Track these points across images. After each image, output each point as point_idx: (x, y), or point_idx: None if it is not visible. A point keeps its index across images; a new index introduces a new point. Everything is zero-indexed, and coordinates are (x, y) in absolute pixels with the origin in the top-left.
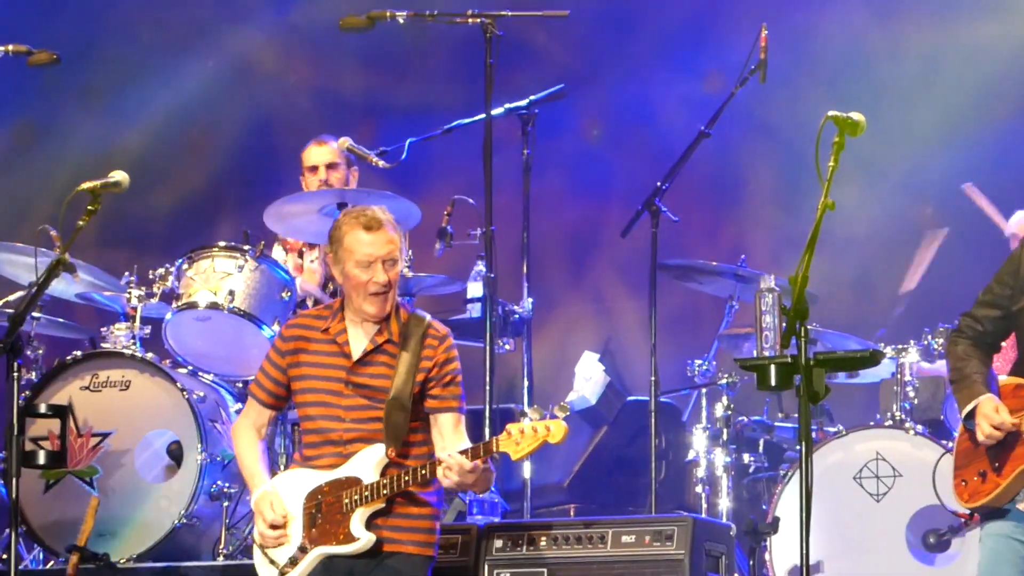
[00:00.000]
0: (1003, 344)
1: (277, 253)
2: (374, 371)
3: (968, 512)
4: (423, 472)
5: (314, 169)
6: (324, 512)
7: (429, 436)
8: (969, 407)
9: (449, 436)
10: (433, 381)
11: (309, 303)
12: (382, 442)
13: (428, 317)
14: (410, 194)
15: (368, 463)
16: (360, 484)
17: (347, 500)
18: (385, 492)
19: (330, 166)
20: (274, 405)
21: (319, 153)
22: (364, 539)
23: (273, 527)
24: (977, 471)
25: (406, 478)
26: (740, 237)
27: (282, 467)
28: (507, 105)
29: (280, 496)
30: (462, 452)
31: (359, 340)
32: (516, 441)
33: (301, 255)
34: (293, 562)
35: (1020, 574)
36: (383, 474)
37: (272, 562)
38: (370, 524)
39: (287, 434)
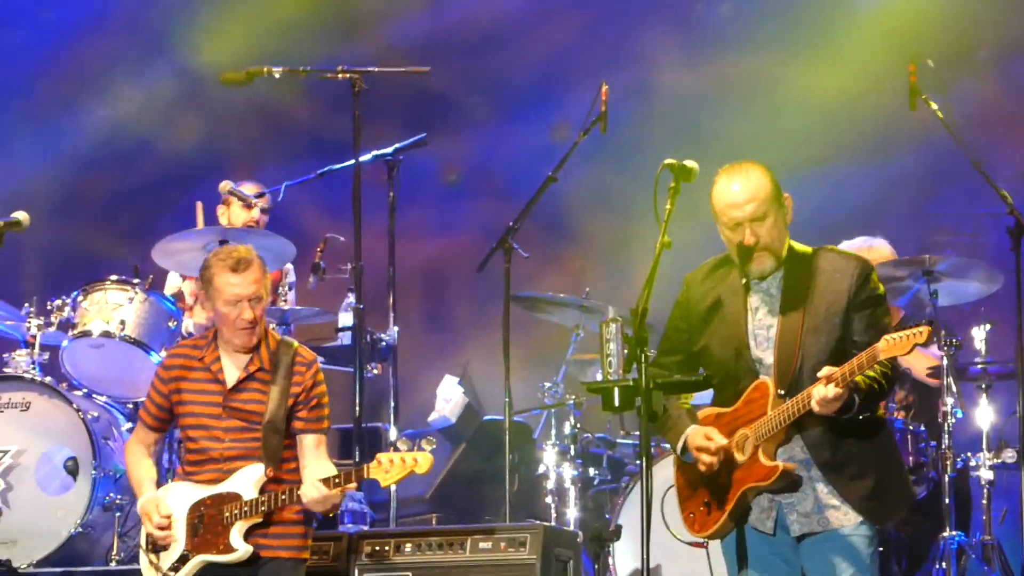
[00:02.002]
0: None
1: (173, 279)
2: (248, 396)
3: (702, 541)
4: (298, 494)
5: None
6: (206, 523)
7: None
8: (681, 441)
9: (311, 456)
10: (301, 405)
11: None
12: (261, 460)
13: (295, 343)
14: (286, 232)
15: (248, 480)
16: (240, 500)
17: (227, 513)
18: (263, 509)
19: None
20: (160, 427)
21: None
22: (242, 550)
23: (159, 528)
24: (701, 502)
25: (283, 497)
26: (584, 272)
27: (169, 480)
28: (374, 152)
29: (165, 501)
30: (336, 476)
31: (232, 368)
32: (386, 469)
33: None
34: (175, 568)
35: (773, 570)
36: (262, 491)
37: (156, 567)
38: (248, 534)
39: (173, 450)
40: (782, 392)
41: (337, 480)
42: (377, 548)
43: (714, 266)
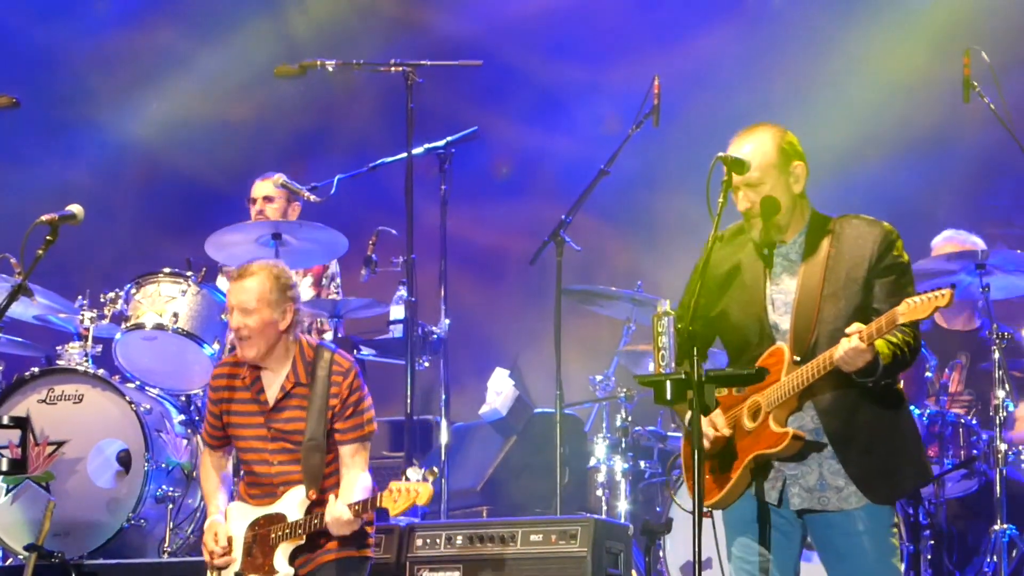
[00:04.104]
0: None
1: (222, 283)
2: (289, 415)
3: (707, 510)
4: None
5: (254, 201)
6: (257, 543)
7: None
8: (687, 417)
9: (345, 466)
10: (338, 417)
11: None
12: (303, 484)
13: (332, 350)
14: (338, 226)
15: (293, 503)
16: (285, 521)
17: (274, 535)
18: (300, 532)
19: (267, 199)
20: (221, 446)
21: (258, 187)
22: (283, 572)
23: (218, 556)
24: (707, 471)
25: (315, 521)
26: (636, 264)
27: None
28: (426, 145)
29: (225, 526)
30: (351, 505)
31: (272, 385)
32: (394, 499)
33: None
34: None
35: (762, 553)
36: (307, 512)
37: None
38: (295, 559)
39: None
40: (797, 359)
41: (356, 507)
42: (428, 540)
43: (735, 231)
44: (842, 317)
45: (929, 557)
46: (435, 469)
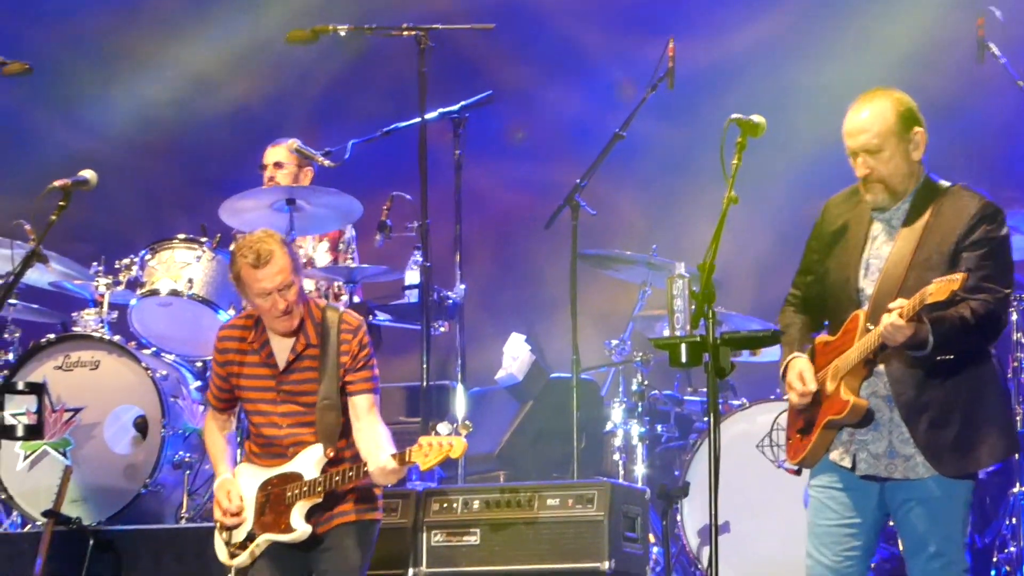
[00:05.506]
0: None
1: None
2: (299, 377)
3: (796, 468)
4: (350, 474)
5: (265, 167)
6: (271, 502)
7: None
8: (781, 369)
9: (364, 418)
10: (349, 371)
11: None
12: (319, 441)
13: (341, 309)
14: (352, 191)
15: (309, 461)
16: (301, 480)
17: (290, 494)
18: (320, 489)
19: (277, 164)
20: (228, 408)
21: (270, 153)
22: (300, 530)
23: (232, 515)
24: (797, 429)
25: (336, 479)
26: (651, 228)
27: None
28: (440, 110)
29: (237, 485)
30: (395, 455)
31: (282, 350)
32: (425, 453)
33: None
34: (242, 546)
35: (840, 517)
36: (323, 471)
37: (227, 544)
38: (315, 512)
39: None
40: (871, 326)
41: (398, 457)
42: (445, 505)
43: (853, 190)
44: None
45: None
46: (468, 423)
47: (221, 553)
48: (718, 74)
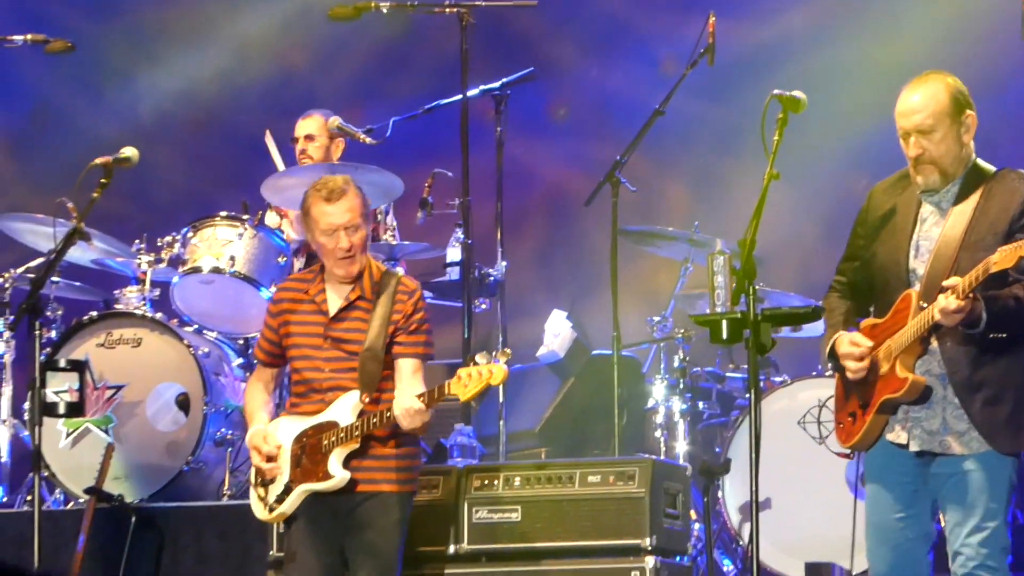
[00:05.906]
0: None
1: (271, 219)
2: (348, 325)
3: (847, 452)
4: (388, 415)
5: (297, 140)
6: (307, 453)
7: None
8: (828, 348)
9: (406, 380)
10: (401, 331)
11: None
12: (358, 389)
13: (400, 272)
14: (394, 168)
15: (345, 408)
16: (337, 427)
17: (326, 442)
18: (356, 433)
19: (308, 137)
20: (273, 363)
21: (301, 125)
22: (339, 476)
23: (268, 459)
24: (848, 412)
25: (374, 420)
26: (693, 205)
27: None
28: (482, 87)
29: (273, 433)
30: (419, 396)
31: (336, 299)
32: (464, 384)
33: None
34: (280, 500)
35: (899, 501)
36: (359, 418)
37: (263, 499)
38: (349, 465)
39: (284, 386)
40: (924, 305)
41: (422, 397)
42: (486, 482)
43: (900, 176)
44: None
45: None
46: (507, 350)
47: (258, 509)
48: (761, 52)
